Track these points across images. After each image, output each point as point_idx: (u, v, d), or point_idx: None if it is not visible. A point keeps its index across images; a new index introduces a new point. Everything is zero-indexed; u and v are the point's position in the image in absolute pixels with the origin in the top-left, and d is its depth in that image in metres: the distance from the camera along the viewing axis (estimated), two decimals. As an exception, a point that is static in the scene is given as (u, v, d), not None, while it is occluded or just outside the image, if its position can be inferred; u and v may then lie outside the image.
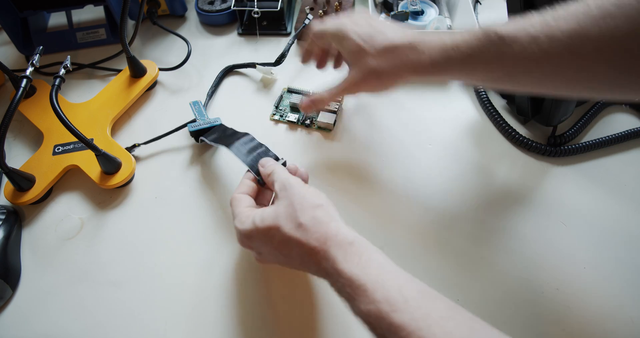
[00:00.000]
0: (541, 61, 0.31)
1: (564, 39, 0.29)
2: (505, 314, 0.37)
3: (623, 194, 0.43)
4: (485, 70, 0.33)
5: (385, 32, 0.37)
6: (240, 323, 0.37)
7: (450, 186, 0.45)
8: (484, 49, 0.32)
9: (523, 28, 0.31)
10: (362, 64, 0.37)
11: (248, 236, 0.33)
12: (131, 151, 0.48)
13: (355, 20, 0.39)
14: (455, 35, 0.34)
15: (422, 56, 0.35)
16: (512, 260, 0.40)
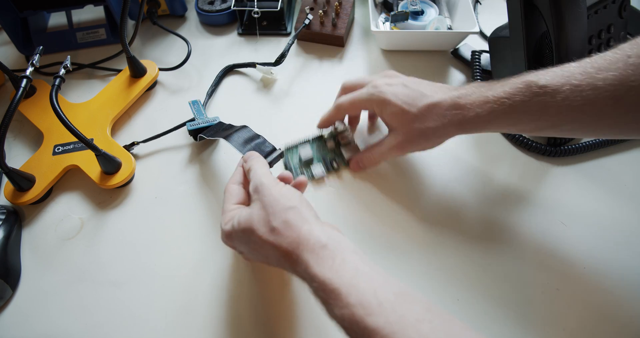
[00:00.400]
0: (585, 109, 0.32)
1: (607, 88, 0.30)
2: (505, 314, 0.37)
3: (623, 194, 0.43)
4: (530, 120, 0.34)
5: (424, 92, 0.38)
6: (241, 322, 0.37)
7: (450, 186, 0.45)
8: (528, 102, 0.33)
9: (565, 78, 0.32)
10: (408, 128, 0.38)
11: (228, 236, 0.34)
12: (130, 149, 0.48)
13: (389, 83, 0.40)
14: (496, 89, 0.35)
15: (466, 112, 0.36)
16: (512, 259, 0.40)
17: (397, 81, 0.40)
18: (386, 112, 0.39)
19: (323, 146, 0.47)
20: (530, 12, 0.42)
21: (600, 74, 0.31)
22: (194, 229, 0.43)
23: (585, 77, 0.31)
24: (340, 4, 0.57)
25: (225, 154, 0.48)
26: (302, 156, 0.45)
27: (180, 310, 0.38)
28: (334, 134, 0.48)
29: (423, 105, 0.37)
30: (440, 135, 0.38)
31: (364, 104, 0.41)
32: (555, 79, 0.32)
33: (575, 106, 0.32)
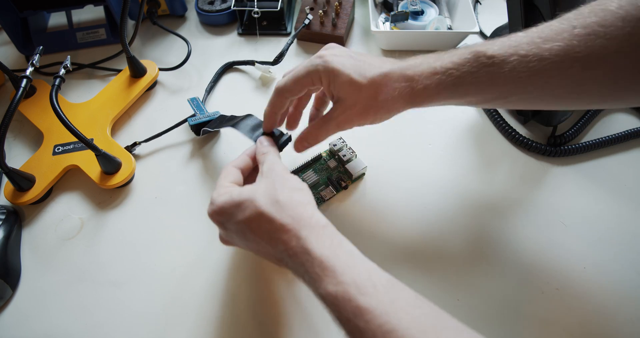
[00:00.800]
0: (532, 80, 0.32)
1: (553, 58, 0.30)
2: (505, 314, 0.37)
3: (623, 194, 0.43)
4: (478, 92, 0.34)
5: (372, 63, 0.36)
6: (241, 322, 0.37)
7: (450, 186, 0.45)
8: (475, 72, 0.33)
9: (512, 48, 0.32)
10: (357, 99, 0.35)
11: (220, 209, 0.33)
12: (132, 150, 0.48)
13: (335, 54, 0.37)
14: (443, 59, 0.34)
15: (414, 84, 0.34)
16: (512, 260, 0.40)
17: (341, 51, 0.37)
18: (335, 83, 0.35)
19: (325, 167, 0.46)
20: (530, 12, 0.42)
21: (546, 44, 0.31)
22: (193, 229, 0.43)
23: (532, 47, 0.31)
24: (340, 4, 0.57)
25: (225, 154, 0.48)
26: (307, 180, 0.44)
27: (180, 310, 0.38)
28: (333, 152, 0.46)
29: (373, 75, 0.35)
30: (390, 109, 0.36)
31: (310, 77, 0.36)
32: (503, 49, 0.32)
33: (523, 77, 0.32)
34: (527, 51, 0.31)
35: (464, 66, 0.33)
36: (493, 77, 0.32)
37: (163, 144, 0.50)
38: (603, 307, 0.37)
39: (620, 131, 0.47)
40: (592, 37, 0.29)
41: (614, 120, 0.49)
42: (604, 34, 0.29)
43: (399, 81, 0.35)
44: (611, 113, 0.50)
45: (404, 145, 0.48)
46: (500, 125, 0.48)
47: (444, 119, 0.50)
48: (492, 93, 0.34)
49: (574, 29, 0.30)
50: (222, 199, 0.33)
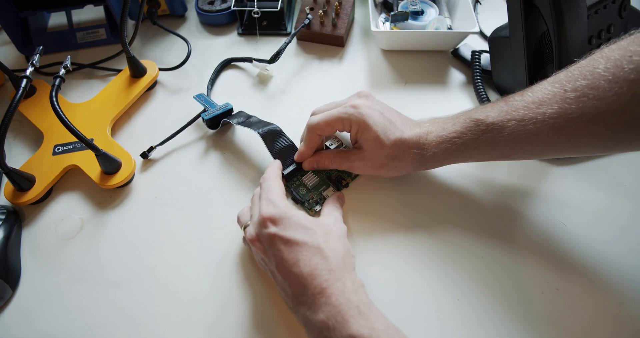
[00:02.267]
0: (531, 141, 0.35)
1: (548, 121, 0.33)
2: (505, 314, 0.37)
3: (622, 194, 0.43)
4: (481, 154, 0.38)
5: (397, 126, 0.40)
6: (241, 322, 0.37)
7: (450, 185, 0.45)
8: (477, 139, 0.37)
9: (509, 114, 0.35)
10: (376, 156, 0.40)
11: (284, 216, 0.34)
12: (149, 155, 0.48)
13: (369, 106, 0.40)
14: (448, 129, 0.38)
15: (425, 152, 0.39)
16: (512, 259, 0.40)
17: (374, 105, 0.40)
18: (363, 135, 0.40)
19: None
20: (530, 12, 0.42)
21: (541, 108, 0.34)
22: (193, 229, 0.43)
23: (527, 112, 0.34)
24: (340, 4, 0.57)
25: (225, 154, 0.48)
26: (307, 183, 0.44)
27: (180, 310, 0.38)
28: None
29: (395, 139, 0.39)
30: (400, 170, 0.40)
31: (341, 123, 0.40)
32: (501, 115, 0.36)
33: (521, 139, 0.35)
34: (522, 115, 0.35)
35: (466, 134, 0.37)
36: (494, 141, 0.36)
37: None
38: (603, 307, 0.37)
39: (620, 131, 0.46)
40: (583, 99, 0.32)
41: (614, 120, 0.49)
42: (593, 96, 0.32)
43: (413, 148, 0.39)
44: (611, 113, 0.50)
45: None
46: (500, 125, 0.48)
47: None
48: (494, 154, 0.37)
49: (565, 92, 0.33)
50: (290, 212, 0.34)
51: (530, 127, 0.34)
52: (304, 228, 0.33)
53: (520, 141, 0.35)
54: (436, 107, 0.51)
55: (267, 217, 0.34)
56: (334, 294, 0.30)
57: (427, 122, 0.41)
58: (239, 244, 0.42)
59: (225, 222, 0.43)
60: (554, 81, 0.34)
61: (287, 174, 0.43)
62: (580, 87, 0.32)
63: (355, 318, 0.29)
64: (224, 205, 0.44)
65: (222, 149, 0.49)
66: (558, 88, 0.34)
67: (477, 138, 0.37)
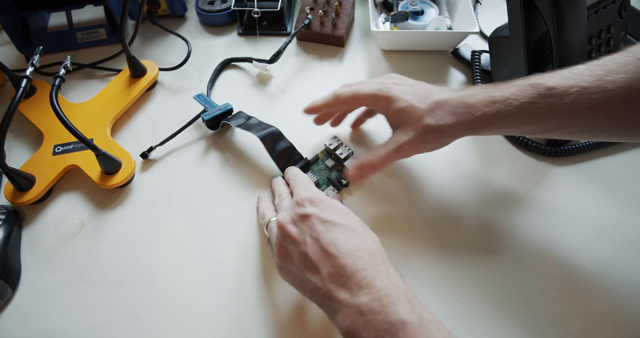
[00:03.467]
0: (594, 112, 0.31)
1: (617, 91, 0.30)
2: (505, 314, 0.37)
3: (622, 194, 0.43)
4: (538, 122, 0.33)
5: (432, 91, 0.37)
6: (240, 323, 0.37)
7: (450, 186, 0.45)
8: (535, 103, 0.33)
9: (573, 80, 0.32)
10: (417, 123, 0.36)
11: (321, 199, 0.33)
12: (148, 155, 0.48)
13: (396, 83, 0.39)
14: (502, 89, 0.34)
15: (473, 111, 0.35)
16: (512, 260, 0.40)
17: (403, 81, 0.39)
18: (393, 108, 0.37)
19: (323, 167, 0.46)
20: (530, 12, 0.42)
21: (609, 76, 0.30)
22: (193, 229, 0.43)
23: (594, 79, 0.31)
24: (340, 4, 0.57)
25: (225, 154, 0.48)
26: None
27: (180, 310, 0.38)
28: (329, 152, 0.46)
29: (432, 101, 0.36)
30: (450, 133, 0.36)
31: (368, 99, 0.39)
32: (563, 80, 0.32)
33: (584, 109, 0.31)
34: (589, 82, 0.31)
35: (523, 96, 0.33)
36: (553, 108, 0.32)
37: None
38: (603, 306, 0.37)
39: (620, 131, 0.46)
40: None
41: (614, 120, 0.49)
42: None
43: (458, 107, 0.35)
44: (611, 113, 0.50)
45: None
46: (500, 125, 0.48)
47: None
48: (552, 124, 0.33)
49: (638, 60, 0.30)
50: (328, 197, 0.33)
51: (596, 96, 0.30)
52: (341, 212, 0.32)
53: (582, 111, 0.31)
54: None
55: (306, 197, 0.33)
56: (378, 277, 0.28)
57: (476, 86, 0.37)
58: (239, 244, 0.42)
59: (225, 222, 0.43)
60: (627, 51, 0.31)
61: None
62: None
63: (404, 303, 0.27)
64: (224, 205, 0.44)
65: (222, 149, 0.49)
66: (631, 57, 0.30)
67: (534, 102, 0.32)
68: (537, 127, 0.34)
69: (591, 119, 0.32)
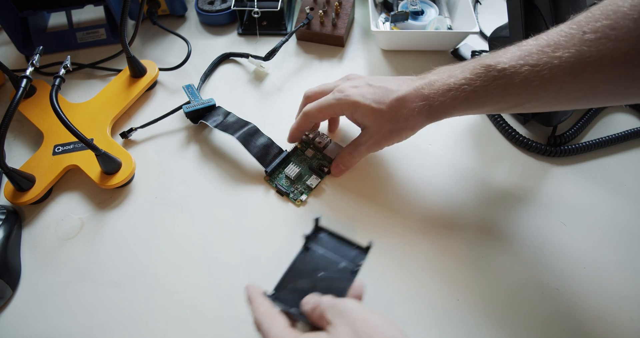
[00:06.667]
0: (545, 88, 0.32)
1: (564, 65, 0.31)
2: (505, 314, 0.37)
3: (623, 194, 0.43)
4: (493, 103, 0.35)
5: (390, 88, 0.38)
6: (240, 323, 0.37)
7: (450, 186, 0.45)
8: (488, 85, 0.34)
9: (522, 59, 0.33)
10: (381, 125, 0.39)
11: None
12: (128, 135, 0.49)
13: (354, 85, 0.40)
14: (457, 76, 0.36)
15: (432, 102, 0.36)
16: (512, 259, 0.40)
17: (360, 82, 0.40)
18: (357, 114, 0.39)
19: (303, 157, 0.46)
20: (530, 12, 0.42)
21: (557, 52, 0.31)
22: (193, 229, 0.43)
23: (542, 56, 0.32)
24: (340, 4, 0.57)
25: (228, 155, 0.48)
26: (290, 174, 0.44)
27: (180, 310, 0.38)
28: (308, 142, 0.47)
29: (391, 100, 0.37)
30: (412, 127, 0.38)
31: (333, 109, 0.41)
32: (513, 60, 0.33)
33: (535, 86, 0.32)
34: (537, 60, 0.32)
35: (476, 80, 0.34)
36: (506, 88, 0.33)
37: (162, 143, 0.50)
38: (603, 306, 0.37)
39: (620, 131, 0.47)
40: (604, 40, 0.29)
41: (614, 120, 0.49)
42: (615, 37, 0.29)
43: (416, 101, 0.37)
44: (611, 113, 0.50)
45: (404, 145, 0.48)
46: (500, 125, 0.48)
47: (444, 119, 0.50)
48: (506, 103, 0.35)
49: (584, 34, 0.30)
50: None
51: (545, 73, 0.31)
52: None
53: (534, 88, 0.32)
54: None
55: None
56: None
57: (432, 72, 0.38)
58: (239, 244, 0.42)
59: (225, 222, 0.43)
60: (572, 23, 0.32)
61: (270, 170, 0.45)
62: (601, 28, 0.30)
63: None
64: (224, 205, 0.44)
65: (222, 149, 0.49)
66: (576, 30, 0.31)
67: (487, 85, 0.34)
68: (493, 107, 0.36)
69: (543, 94, 0.33)
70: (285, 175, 0.45)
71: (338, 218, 0.43)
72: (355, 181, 0.45)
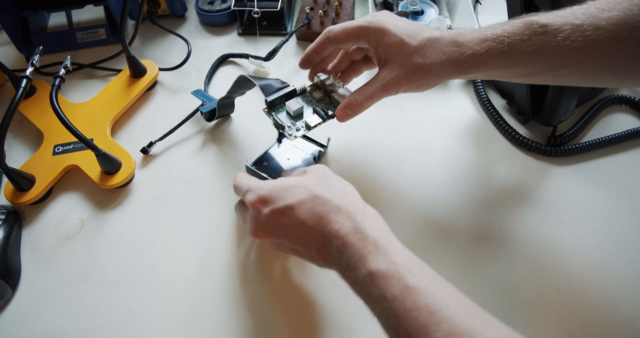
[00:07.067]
0: (586, 51, 0.30)
1: (610, 28, 0.29)
2: (505, 314, 0.37)
3: (623, 194, 0.43)
4: (528, 61, 0.33)
5: (424, 28, 0.36)
6: (241, 323, 0.37)
7: (450, 186, 0.45)
8: (527, 40, 0.32)
9: (566, 18, 0.31)
10: (405, 61, 0.35)
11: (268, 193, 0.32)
12: (149, 150, 0.48)
13: (388, 16, 0.37)
14: (495, 28, 0.34)
15: (464, 49, 0.34)
16: (512, 260, 0.40)
17: (393, 16, 0.38)
18: (383, 42, 0.36)
19: (310, 99, 0.41)
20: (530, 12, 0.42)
21: (603, 14, 0.30)
22: (194, 229, 0.43)
23: (587, 17, 0.30)
24: (340, 4, 0.57)
25: (225, 154, 0.48)
26: (291, 110, 0.39)
27: (180, 310, 0.38)
28: (318, 84, 0.42)
29: (423, 38, 0.35)
30: (437, 73, 0.35)
31: (359, 32, 0.37)
32: (557, 18, 0.31)
33: (576, 47, 0.31)
34: (582, 20, 0.30)
35: (516, 34, 0.33)
36: (545, 46, 0.31)
37: (162, 142, 0.50)
38: (603, 307, 0.37)
39: (620, 131, 0.47)
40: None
41: (614, 120, 0.49)
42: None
43: (448, 46, 0.35)
44: (611, 113, 0.50)
45: (404, 145, 0.48)
46: (500, 125, 0.48)
47: (444, 119, 0.50)
48: (542, 64, 0.33)
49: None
50: (270, 185, 0.33)
51: (589, 33, 0.30)
52: (292, 188, 0.32)
53: (574, 49, 0.30)
54: (436, 107, 0.51)
55: (255, 202, 0.33)
56: (348, 234, 0.29)
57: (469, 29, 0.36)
58: (239, 244, 0.42)
59: (225, 222, 0.43)
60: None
61: (270, 100, 0.40)
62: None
63: (373, 253, 0.28)
64: (224, 205, 0.44)
65: (222, 149, 0.49)
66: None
67: (526, 40, 0.32)
68: (527, 68, 0.33)
69: (583, 58, 0.31)
70: (286, 110, 0.40)
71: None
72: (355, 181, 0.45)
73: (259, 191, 0.33)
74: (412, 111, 0.51)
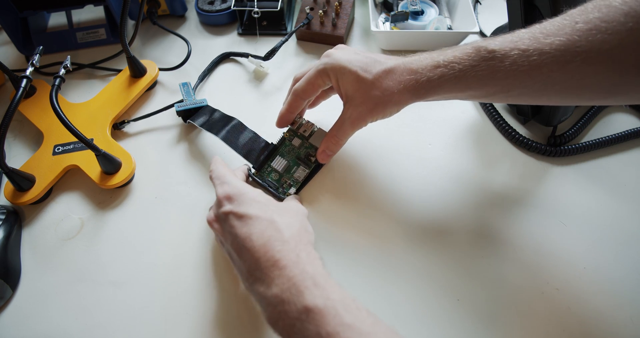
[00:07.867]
0: (533, 74, 0.32)
1: (554, 53, 0.31)
2: (506, 314, 0.37)
3: (623, 194, 0.43)
4: (480, 85, 0.35)
5: (377, 59, 0.38)
6: (241, 323, 0.37)
7: (450, 186, 0.45)
8: (476, 65, 0.34)
9: (513, 43, 0.33)
10: (365, 96, 0.37)
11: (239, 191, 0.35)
12: (120, 127, 0.49)
13: (343, 50, 0.39)
14: (446, 54, 0.36)
15: (419, 77, 0.36)
16: (512, 260, 0.40)
17: (347, 50, 0.39)
18: (342, 80, 0.38)
19: (290, 148, 0.45)
20: (530, 12, 0.42)
21: (547, 39, 0.31)
22: (194, 229, 0.43)
23: (533, 42, 0.32)
24: (340, 4, 0.57)
25: (225, 154, 0.48)
26: (278, 168, 0.44)
27: (180, 310, 0.38)
28: (293, 131, 0.45)
29: (379, 71, 0.36)
30: (397, 101, 0.37)
31: (320, 77, 0.39)
32: (504, 44, 0.33)
33: (523, 71, 0.32)
34: (527, 45, 0.32)
35: (466, 60, 0.34)
36: (494, 70, 0.33)
37: (163, 142, 0.50)
38: (603, 307, 0.37)
39: (620, 131, 0.47)
40: (594, 32, 0.30)
41: (614, 120, 0.49)
42: (605, 29, 0.29)
43: (403, 74, 0.36)
44: (611, 113, 0.50)
45: (404, 145, 0.48)
46: (500, 125, 0.48)
47: (444, 119, 0.50)
48: (493, 87, 0.34)
49: (576, 24, 0.31)
50: (244, 189, 0.35)
51: (534, 58, 0.32)
52: (259, 203, 0.34)
53: (521, 74, 0.32)
54: (436, 108, 0.51)
55: (222, 196, 0.35)
56: (288, 266, 0.29)
57: (423, 52, 0.38)
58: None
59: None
60: (566, 15, 0.32)
61: (257, 166, 0.44)
62: (592, 20, 0.30)
63: (310, 289, 0.28)
64: (224, 205, 0.44)
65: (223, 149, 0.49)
66: (569, 21, 0.31)
67: (476, 65, 0.34)
68: (480, 91, 0.35)
69: (530, 81, 0.33)
70: (274, 169, 0.44)
71: (336, 221, 0.43)
72: (355, 181, 0.45)
73: (231, 188, 0.35)
74: (412, 111, 0.51)
